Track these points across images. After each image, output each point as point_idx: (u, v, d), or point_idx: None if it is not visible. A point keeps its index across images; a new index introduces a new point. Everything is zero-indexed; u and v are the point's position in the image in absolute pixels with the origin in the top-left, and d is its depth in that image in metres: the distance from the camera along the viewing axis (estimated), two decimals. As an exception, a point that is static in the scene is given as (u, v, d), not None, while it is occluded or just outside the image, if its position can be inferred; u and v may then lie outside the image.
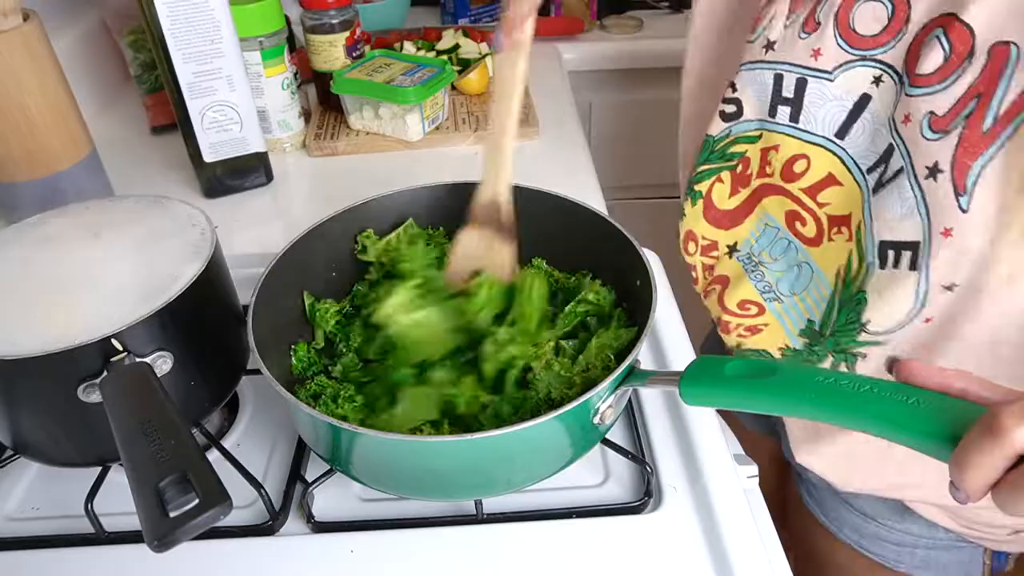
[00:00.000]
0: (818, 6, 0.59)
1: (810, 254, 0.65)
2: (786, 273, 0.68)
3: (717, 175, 0.70)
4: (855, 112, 0.59)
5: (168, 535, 0.36)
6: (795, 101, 0.62)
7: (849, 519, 0.75)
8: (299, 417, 0.52)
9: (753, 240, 0.71)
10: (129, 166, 0.97)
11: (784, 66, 0.61)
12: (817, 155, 0.62)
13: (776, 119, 0.63)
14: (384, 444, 0.48)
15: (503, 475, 0.51)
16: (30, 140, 0.73)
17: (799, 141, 0.63)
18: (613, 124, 1.39)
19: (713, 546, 0.51)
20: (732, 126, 0.67)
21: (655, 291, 0.54)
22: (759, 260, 0.70)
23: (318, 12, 1.00)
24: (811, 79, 0.60)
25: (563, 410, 0.46)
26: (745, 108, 0.65)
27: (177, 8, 0.78)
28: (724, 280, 0.74)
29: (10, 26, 0.70)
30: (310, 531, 0.54)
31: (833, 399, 0.39)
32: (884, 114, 0.57)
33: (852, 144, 0.60)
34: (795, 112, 0.62)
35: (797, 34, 0.60)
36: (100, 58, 1.14)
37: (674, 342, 0.68)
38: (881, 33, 0.56)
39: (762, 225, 0.70)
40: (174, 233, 0.59)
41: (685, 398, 0.45)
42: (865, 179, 0.59)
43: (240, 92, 0.85)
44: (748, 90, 0.64)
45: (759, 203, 0.69)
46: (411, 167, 0.96)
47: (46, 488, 0.58)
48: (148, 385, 0.45)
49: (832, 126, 0.60)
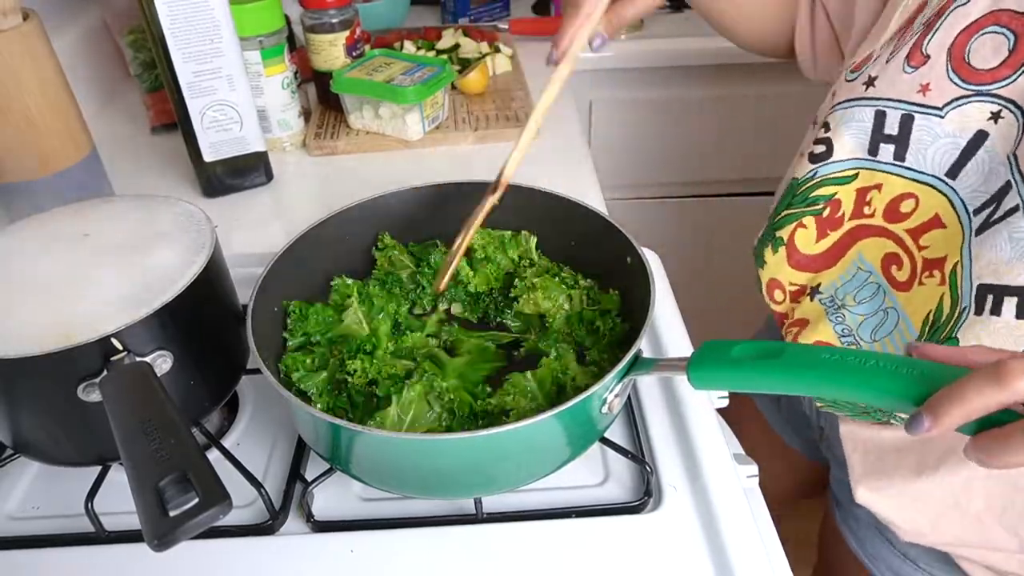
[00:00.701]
0: (925, 38, 0.56)
1: (898, 299, 0.62)
2: (869, 318, 0.64)
3: (799, 220, 0.67)
4: (969, 150, 0.55)
5: (168, 534, 0.36)
6: (900, 139, 0.59)
7: (888, 559, 0.73)
8: (299, 416, 0.52)
9: (840, 283, 0.66)
10: (129, 165, 0.97)
11: (887, 103, 0.59)
12: (926, 195, 0.59)
13: (878, 158, 0.61)
14: (385, 442, 0.48)
15: (506, 472, 0.51)
16: (30, 140, 0.73)
17: (905, 180, 0.60)
18: (613, 124, 1.39)
19: (713, 546, 0.51)
20: (819, 167, 0.64)
21: (652, 278, 0.55)
22: (842, 303, 0.66)
23: (318, 11, 1.00)
24: (918, 115, 0.57)
25: (573, 403, 0.46)
26: (836, 148, 0.63)
27: (177, 7, 0.78)
28: (803, 323, 0.70)
29: (10, 25, 0.70)
30: (310, 531, 0.54)
31: (840, 375, 0.39)
32: (1002, 152, 0.54)
33: (963, 184, 0.56)
34: (900, 150, 0.59)
35: (902, 68, 0.57)
36: (100, 57, 1.14)
37: (673, 340, 0.69)
38: (1000, 66, 0.53)
39: (855, 268, 0.65)
40: (174, 233, 0.59)
41: (694, 382, 0.45)
42: (971, 220, 0.56)
43: (240, 91, 0.85)
44: (842, 129, 0.62)
45: (854, 245, 0.65)
46: (411, 167, 0.96)
47: (46, 487, 0.58)
48: (148, 384, 0.45)
49: (943, 165, 0.57)
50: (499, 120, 1.02)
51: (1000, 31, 0.53)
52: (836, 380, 0.39)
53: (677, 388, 0.62)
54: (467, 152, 0.99)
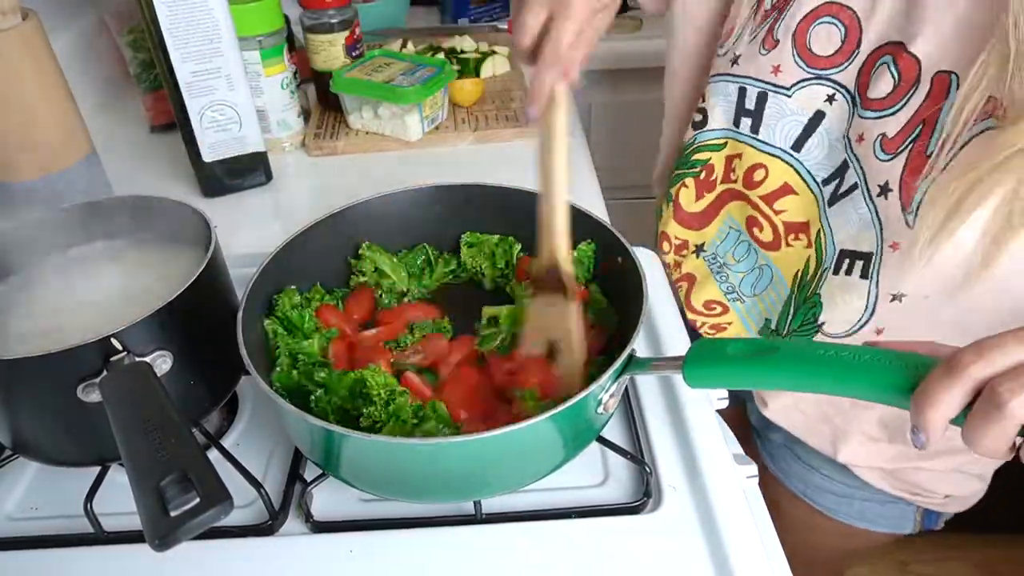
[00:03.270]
0: (775, 24, 0.62)
1: (770, 258, 0.69)
2: (748, 275, 0.72)
3: (683, 180, 0.74)
4: (810, 127, 0.62)
5: (169, 534, 0.36)
6: (756, 113, 0.65)
7: (795, 469, 0.80)
8: (290, 421, 0.51)
9: (719, 241, 0.75)
10: (128, 165, 0.97)
11: (747, 80, 0.65)
12: (774, 165, 0.66)
13: (740, 129, 0.67)
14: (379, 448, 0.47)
15: (503, 475, 0.51)
16: (30, 140, 0.73)
17: (758, 151, 0.66)
18: (613, 124, 1.39)
19: (712, 546, 0.51)
20: (697, 134, 0.71)
21: (644, 276, 0.55)
22: (723, 262, 0.74)
23: (317, 11, 1.00)
24: (771, 93, 0.63)
25: (568, 404, 0.46)
26: (711, 118, 0.69)
27: (176, 7, 0.78)
28: (691, 279, 0.78)
29: (9, 25, 0.70)
30: (309, 531, 0.54)
31: (835, 370, 0.39)
32: (838, 131, 0.61)
33: (807, 156, 0.63)
34: (756, 124, 0.66)
35: (758, 50, 0.63)
36: (99, 57, 1.13)
37: (672, 340, 0.68)
38: (835, 54, 0.59)
39: (727, 228, 0.73)
40: (173, 233, 0.59)
41: (689, 380, 0.46)
42: (821, 190, 0.63)
43: (239, 91, 0.85)
44: (715, 100, 0.68)
45: (724, 207, 0.73)
46: (410, 167, 0.96)
47: (45, 488, 0.58)
48: (148, 384, 0.45)
49: (789, 139, 0.64)
50: (498, 120, 1.02)
51: (832, 21, 0.59)
52: (831, 376, 0.40)
53: (676, 388, 0.62)
54: (467, 152, 0.99)
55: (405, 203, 0.67)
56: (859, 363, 0.39)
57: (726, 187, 0.72)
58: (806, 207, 0.65)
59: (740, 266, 0.73)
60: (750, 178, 0.68)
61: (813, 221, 0.64)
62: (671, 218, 0.76)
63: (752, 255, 0.71)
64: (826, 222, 0.63)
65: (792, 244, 0.67)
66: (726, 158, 0.70)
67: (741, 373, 0.44)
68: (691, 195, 0.74)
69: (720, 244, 0.75)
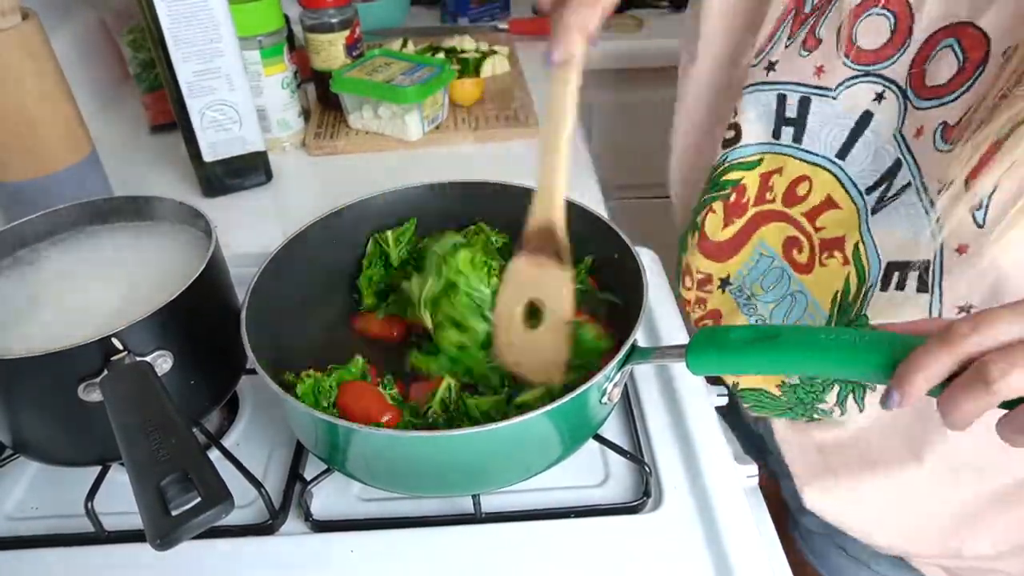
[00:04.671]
0: (817, 23, 0.58)
1: (803, 283, 0.64)
2: (778, 305, 0.66)
3: (710, 205, 0.68)
4: (856, 131, 0.57)
5: (170, 534, 0.36)
6: (799, 121, 0.60)
7: (841, 563, 0.73)
8: (294, 415, 0.51)
9: (745, 272, 0.68)
10: (128, 165, 0.97)
11: (787, 86, 0.60)
12: (818, 176, 0.60)
13: (781, 140, 0.62)
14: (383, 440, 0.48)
15: (507, 467, 0.51)
16: (29, 140, 0.73)
17: (801, 162, 0.61)
18: (613, 124, 1.39)
19: (713, 546, 0.51)
20: (729, 152, 0.65)
21: (641, 265, 0.55)
22: (751, 293, 0.68)
23: (317, 11, 1.00)
24: (814, 98, 0.59)
25: (574, 394, 0.46)
26: (744, 133, 0.64)
27: (177, 7, 0.78)
28: (716, 315, 0.72)
29: (9, 25, 0.70)
30: (309, 530, 0.54)
31: (836, 354, 0.40)
32: (887, 132, 0.55)
33: (852, 164, 0.58)
34: (799, 132, 0.61)
35: (798, 52, 0.59)
36: (99, 57, 1.13)
37: (671, 332, 0.69)
38: (885, 46, 0.55)
39: (756, 255, 0.67)
40: (173, 232, 0.59)
41: (693, 367, 0.46)
42: (864, 200, 0.57)
43: (239, 91, 0.85)
44: (750, 113, 0.63)
45: (755, 232, 0.67)
46: (410, 167, 0.96)
47: (46, 487, 0.58)
48: (148, 384, 0.45)
49: (834, 146, 0.59)
50: (499, 120, 1.02)
51: (882, 12, 0.54)
52: (833, 359, 0.40)
53: (676, 388, 0.62)
54: (467, 152, 0.99)
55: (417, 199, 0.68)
56: (859, 345, 0.40)
57: (759, 209, 0.66)
58: (845, 220, 0.59)
59: (769, 296, 0.67)
60: (792, 194, 0.63)
61: (851, 235, 0.58)
62: (695, 248, 0.70)
63: (784, 282, 0.65)
64: (867, 234, 0.57)
65: (826, 263, 0.61)
66: (761, 176, 0.64)
67: (744, 359, 0.44)
68: (718, 222, 0.68)
69: (748, 274, 0.68)
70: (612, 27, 1.37)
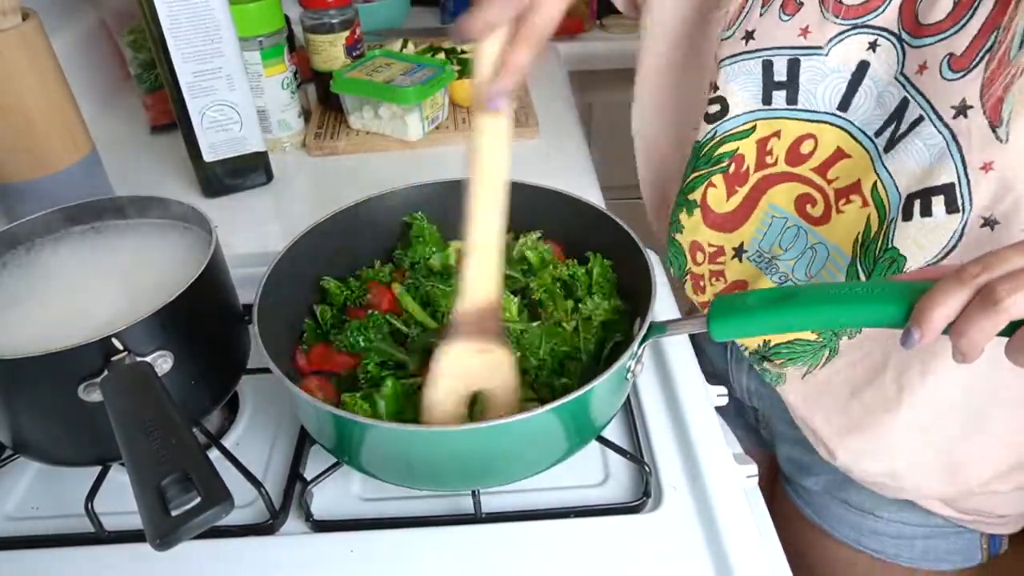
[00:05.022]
0: None
1: (821, 234, 0.64)
2: (799, 259, 0.66)
3: (709, 180, 0.68)
4: (855, 81, 0.58)
5: (170, 534, 0.36)
6: (790, 83, 0.61)
7: (846, 517, 0.75)
8: (304, 409, 0.52)
9: (760, 236, 0.69)
10: (129, 165, 0.97)
11: (771, 51, 0.61)
12: (823, 132, 0.61)
13: (773, 106, 0.63)
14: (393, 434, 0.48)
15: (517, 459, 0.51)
16: (30, 140, 0.73)
17: (801, 122, 0.62)
18: (613, 124, 1.39)
19: (712, 546, 0.51)
20: (717, 126, 0.66)
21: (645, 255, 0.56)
22: (772, 256, 0.68)
23: (318, 12, 1.00)
24: (804, 58, 0.59)
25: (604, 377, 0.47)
26: (731, 104, 0.64)
27: (177, 7, 0.78)
28: (742, 285, 0.72)
29: (9, 25, 0.70)
30: (310, 530, 0.54)
31: (853, 306, 0.42)
32: (887, 76, 0.56)
33: (856, 113, 0.59)
34: (792, 94, 0.61)
35: (778, 17, 0.60)
36: (100, 57, 1.13)
37: (672, 338, 0.68)
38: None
39: (769, 218, 0.68)
40: (174, 233, 0.59)
41: (715, 334, 0.47)
42: (874, 143, 0.58)
43: (240, 91, 0.85)
44: (733, 85, 0.63)
45: (762, 197, 0.67)
46: (411, 167, 0.96)
47: (46, 487, 0.58)
48: (149, 384, 0.45)
49: (834, 100, 0.60)
50: (499, 120, 1.02)
51: None
52: (849, 310, 0.42)
53: (676, 388, 0.62)
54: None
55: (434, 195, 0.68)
56: (875, 295, 0.41)
57: (762, 174, 0.66)
58: (858, 166, 0.60)
59: (789, 254, 0.67)
60: (796, 153, 0.63)
61: (866, 177, 0.59)
62: (700, 224, 0.70)
63: (802, 238, 0.65)
64: (884, 171, 0.57)
65: (843, 210, 0.61)
66: (757, 143, 0.65)
67: (765, 319, 0.45)
68: (720, 194, 0.69)
69: (763, 239, 0.69)
70: (612, 27, 1.38)
